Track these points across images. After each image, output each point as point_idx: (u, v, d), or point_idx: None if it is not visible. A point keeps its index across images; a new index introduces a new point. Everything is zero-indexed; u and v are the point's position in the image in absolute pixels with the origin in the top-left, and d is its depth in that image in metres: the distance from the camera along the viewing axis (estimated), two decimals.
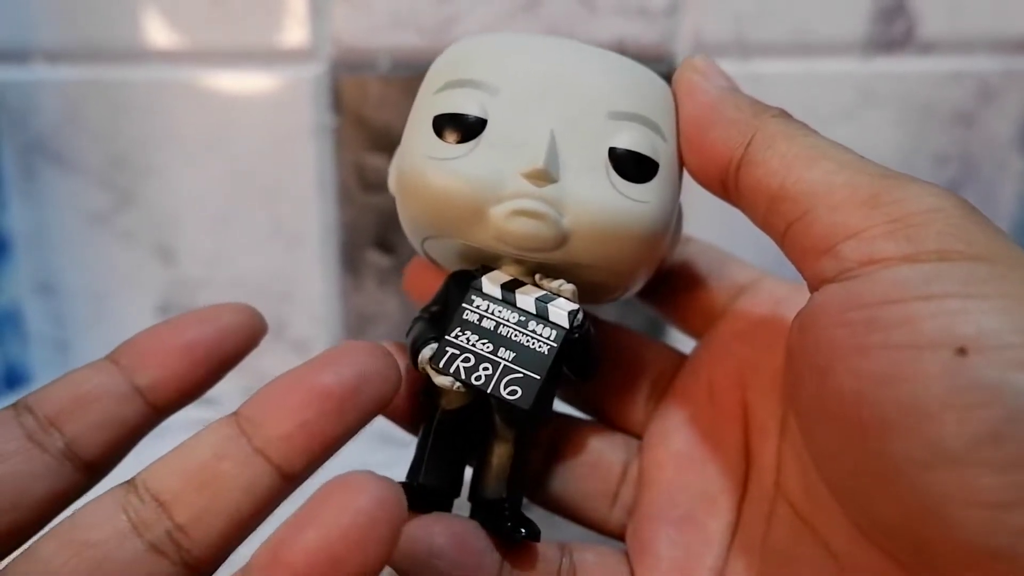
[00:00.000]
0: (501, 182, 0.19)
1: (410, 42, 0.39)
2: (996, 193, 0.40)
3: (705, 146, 0.19)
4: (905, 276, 0.15)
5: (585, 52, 0.20)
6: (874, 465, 0.15)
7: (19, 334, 0.43)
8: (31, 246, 0.42)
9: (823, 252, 0.16)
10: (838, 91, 0.39)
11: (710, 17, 0.38)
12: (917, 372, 0.14)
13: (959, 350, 0.14)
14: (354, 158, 0.40)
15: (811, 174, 0.17)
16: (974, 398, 0.14)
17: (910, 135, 0.39)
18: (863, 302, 0.15)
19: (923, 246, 0.15)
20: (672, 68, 0.39)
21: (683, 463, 0.22)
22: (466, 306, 0.20)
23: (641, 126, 0.19)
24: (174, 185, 0.41)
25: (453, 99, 0.19)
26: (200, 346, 0.20)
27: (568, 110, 0.19)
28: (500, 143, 0.19)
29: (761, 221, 0.18)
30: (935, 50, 0.39)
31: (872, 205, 0.16)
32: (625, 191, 0.19)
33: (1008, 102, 0.39)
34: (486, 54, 0.20)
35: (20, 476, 0.17)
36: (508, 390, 0.19)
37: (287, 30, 0.39)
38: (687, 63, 0.20)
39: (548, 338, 0.19)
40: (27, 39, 0.39)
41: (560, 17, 0.38)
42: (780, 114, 0.19)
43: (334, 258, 0.42)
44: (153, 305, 0.42)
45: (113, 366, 0.20)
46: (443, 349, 0.19)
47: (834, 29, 0.38)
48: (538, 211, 0.18)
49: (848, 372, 0.15)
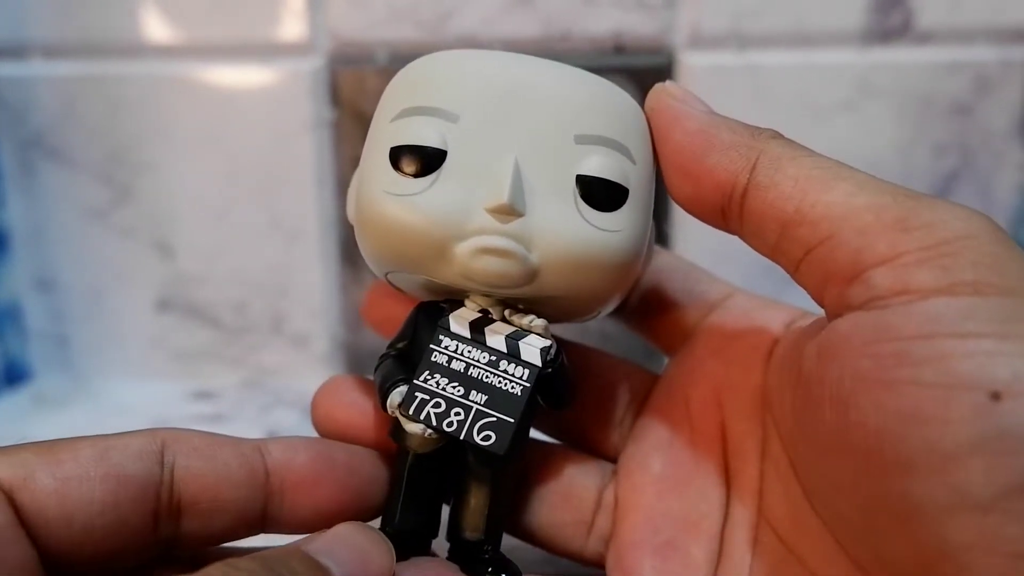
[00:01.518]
0: (465, 218, 0.18)
1: (408, 35, 0.39)
2: (994, 183, 0.40)
3: (703, 173, 0.18)
4: (940, 311, 0.14)
5: (549, 70, 0.19)
6: (891, 504, 0.14)
7: (18, 330, 0.43)
8: (30, 242, 0.42)
9: (850, 278, 0.16)
10: (836, 82, 0.39)
11: (707, 8, 0.38)
12: (947, 413, 0.14)
13: (993, 394, 0.13)
14: (352, 152, 0.40)
15: (830, 196, 0.16)
16: (1005, 445, 0.13)
17: (908, 126, 0.39)
18: (894, 335, 0.15)
19: (959, 277, 0.14)
20: (671, 60, 0.39)
21: (663, 487, 0.21)
22: (434, 347, 0.19)
23: (610, 150, 0.18)
24: (172, 180, 0.41)
25: (411, 128, 0.18)
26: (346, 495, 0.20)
27: (533, 134, 0.18)
28: (462, 175, 0.18)
29: (771, 247, 0.18)
30: (933, 40, 0.38)
31: (901, 229, 0.15)
32: (595, 221, 0.18)
33: (1006, 92, 0.39)
34: (444, 77, 0.19)
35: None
36: (482, 436, 0.18)
37: (284, 24, 0.39)
38: (660, 91, 0.19)
39: (520, 378, 0.19)
40: (24, 34, 0.39)
41: (557, 10, 0.38)
42: (776, 135, 0.18)
43: (333, 252, 0.42)
44: (152, 300, 0.42)
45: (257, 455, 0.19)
46: (412, 394, 0.19)
47: (831, 20, 0.38)
48: (505, 249, 0.18)
49: (873, 406, 0.15)
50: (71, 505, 0.16)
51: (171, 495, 0.18)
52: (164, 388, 0.42)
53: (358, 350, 0.43)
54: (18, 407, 0.40)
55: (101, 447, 0.17)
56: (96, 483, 0.16)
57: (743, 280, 0.24)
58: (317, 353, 0.43)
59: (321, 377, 0.23)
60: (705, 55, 0.39)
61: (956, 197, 0.40)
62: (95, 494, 0.16)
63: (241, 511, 0.18)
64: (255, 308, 0.42)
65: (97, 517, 0.16)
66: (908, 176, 0.40)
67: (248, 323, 0.42)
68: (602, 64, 0.39)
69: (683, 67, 0.39)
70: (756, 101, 0.39)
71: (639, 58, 0.39)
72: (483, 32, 0.39)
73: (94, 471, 0.16)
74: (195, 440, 0.18)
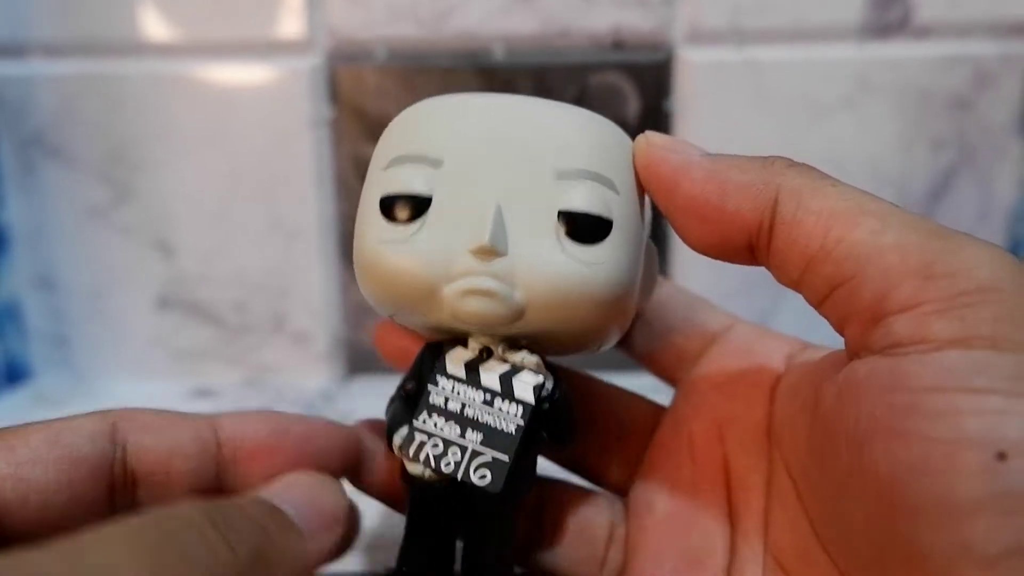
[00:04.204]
0: (450, 260, 0.18)
1: (407, 33, 0.39)
2: (994, 178, 0.40)
3: (725, 219, 0.18)
4: (954, 364, 0.14)
5: (528, 109, 0.19)
6: (900, 547, 0.15)
7: (18, 329, 0.43)
8: (30, 241, 0.42)
9: (871, 321, 0.16)
10: (835, 77, 0.39)
11: (706, 4, 0.38)
12: (955, 469, 0.14)
13: (999, 454, 0.13)
14: (352, 150, 0.40)
15: (855, 234, 0.16)
16: (1010, 505, 0.13)
17: (908, 121, 0.39)
18: (909, 384, 0.15)
19: (976, 331, 0.14)
20: (670, 57, 0.39)
21: (668, 525, 0.21)
22: (432, 389, 0.19)
23: (591, 182, 0.18)
24: (172, 179, 0.41)
25: (398, 177, 0.19)
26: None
27: (514, 175, 0.18)
28: (447, 219, 0.18)
29: (794, 281, 0.17)
30: (932, 35, 0.38)
31: (926, 275, 0.15)
32: (578, 255, 0.18)
33: (1005, 87, 0.39)
34: (428, 124, 0.19)
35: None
36: (478, 475, 0.18)
37: (283, 21, 0.39)
38: (646, 145, 0.19)
39: (515, 415, 0.19)
40: (24, 33, 0.39)
41: (556, 6, 0.38)
42: (791, 163, 0.18)
43: (333, 250, 0.42)
44: (152, 299, 0.42)
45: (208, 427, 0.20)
46: (412, 435, 0.19)
47: (830, 15, 0.38)
48: (488, 289, 0.18)
49: (885, 454, 0.15)
50: (26, 487, 0.17)
51: (124, 470, 0.18)
52: (164, 387, 0.42)
53: (359, 348, 0.43)
54: (18, 406, 0.41)
55: (54, 431, 0.18)
56: (50, 464, 0.17)
57: (742, 285, 0.24)
58: (317, 351, 0.43)
59: (322, 375, 0.23)
60: (704, 51, 0.39)
61: (955, 192, 0.40)
62: (49, 475, 0.17)
63: (195, 481, 0.19)
64: (255, 306, 0.42)
65: (53, 495, 0.17)
66: (908, 171, 0.40)
67: (248, 321, 0.42)
68: (601, 61, 0.39)
69: (682, 63, 0.39)
70: (755, 97, 0.39)
71: (638, 54, 0.39)
72: (482, 29, 0.39)
73: (47, 454, 0.17)
74: (146, 417, 0.19)
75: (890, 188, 0.40)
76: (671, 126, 0.40)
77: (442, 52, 0.39)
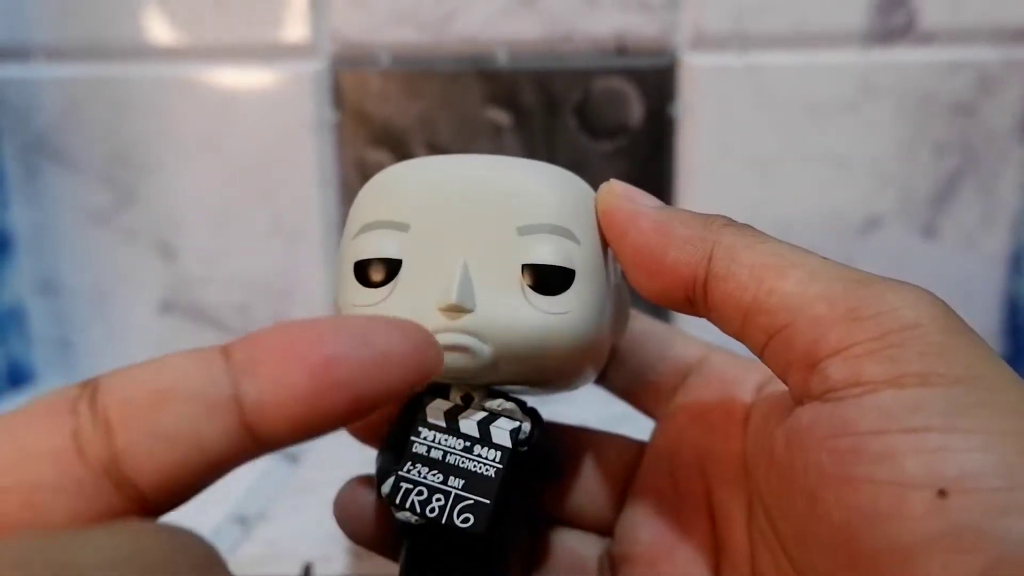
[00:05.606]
0: (423, 319, 0.18)
1: (410, 37, 0.39)
2: (998, 183, 0.40)
3: (665, 270, 0.19)
4: (889, 405, 0.15)
5: (491, 169, 0.20)
6: None
7: (22, 333, 0.43)
8: (33, 245, 0.42)
9: (808, 367, 0.16)
10: (838, 82, 0.39)
11: (710, 9, 0.38)
12: (902, 512, 0.14)
13: (940, 492, 0.13)
14: (355, 153, 0.40)
15: (784, 285, 0.17)
16: (957, 544, 0.13)
17: (911, 126, 0.39)
18: (849, 429, 0.15)
19: (907, 368, 0.15)
20: (673, 61, 0.39)
21: (653, 560, 0.22)
22: (414, 439, 0.20)
23: (550, 235, 0.19)
24: (175, 182, 0.41)
25: (368, 243, 0.20)
26: (342, 366, 0.14)
27: (479, 233, 0.19)
28: (416, 280, 0.19)
29: (736, 332, 0.18)
30: (935, 40, 0.38)
31: (853, 319, 0.16)
32: (543, 306, 0.19)
33: (1008, 92, 0.39)
34: (394, 189, 0.20)
35: (40, 489, 0.13)
36: (461, 519, 0.19)
37: (287, 26, 0.39)
38: (606, 192, 0.20)
39: (493, 460, 0.20)
40: (27, 36, 0.39)
41: (559, 11, 0.38)
42: (729, 222, 0.19)
43: (335, 253, 0.42)
44: (155, 303, 0.42)
45: (221, 359, 0.14)
46: (397, 485, 0.20)
47: (834, 20, 0.38)
48: (459, 344, 0.19)
49: (837, 502, 0.15)
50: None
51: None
52: None
53: None
54: None
55: None
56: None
57: None
58: None
59: None
60: (707, 56, 0.39)
61: (959, 197, 0.40)
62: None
63: None
64: (258, 310, 0.42)
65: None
66: (911, 176, 0.40)
67: (251, 325, 0.42)
68: (605, 65, 0.39)
69: (685, 68, 0.39)
70: (759, 102, 0.39)
71: (642, 59, 0.39)
72: (485, 34, 0.39)
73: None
74: None
75: (893, 193, 0.40)
76: (675, 131, 0.40)
77: (445, 57, 0.39)
